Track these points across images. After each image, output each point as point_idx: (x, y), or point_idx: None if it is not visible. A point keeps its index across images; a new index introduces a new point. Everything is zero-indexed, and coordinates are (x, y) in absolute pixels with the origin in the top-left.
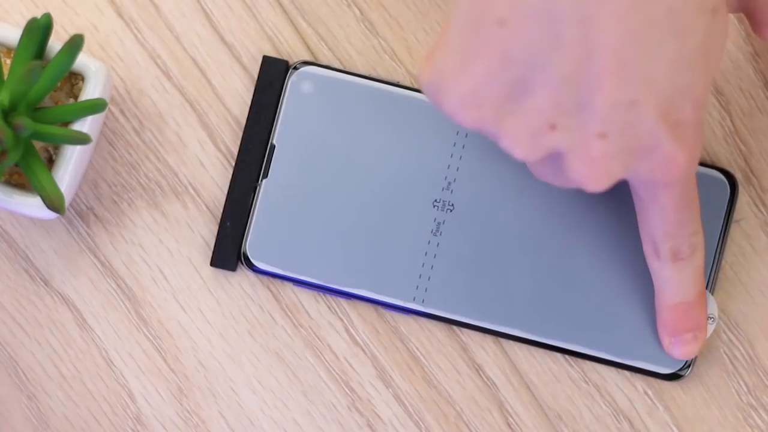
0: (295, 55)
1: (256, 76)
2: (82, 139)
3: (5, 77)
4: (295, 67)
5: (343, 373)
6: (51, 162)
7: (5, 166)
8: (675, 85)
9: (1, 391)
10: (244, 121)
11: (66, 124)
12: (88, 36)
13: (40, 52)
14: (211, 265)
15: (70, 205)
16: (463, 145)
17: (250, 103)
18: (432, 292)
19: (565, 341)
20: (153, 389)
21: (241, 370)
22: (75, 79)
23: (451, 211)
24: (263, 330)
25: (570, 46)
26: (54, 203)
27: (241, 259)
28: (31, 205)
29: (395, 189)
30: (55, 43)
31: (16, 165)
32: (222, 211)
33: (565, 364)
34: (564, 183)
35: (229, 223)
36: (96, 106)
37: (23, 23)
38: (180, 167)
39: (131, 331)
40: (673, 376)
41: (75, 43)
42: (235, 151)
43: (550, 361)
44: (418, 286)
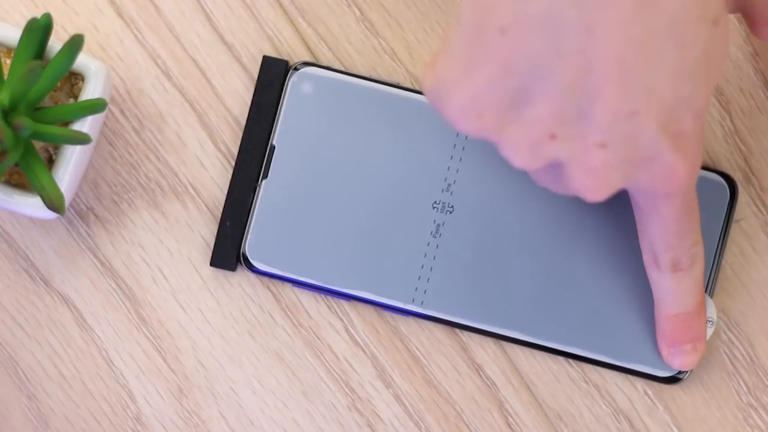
0: (295, 55)
1: (256, 76)
2: (82, 139)
3: (5, 77)
4: (296, 68)
5: (343, 373)
6: (51, 162)
7: (5, 166)
8: (676, 95)
9: (1, 391)
10: (244, 121)
11: (66, 124)
12: (88, 36)
13: (40, 52)
14: (210, 265)
15: (70, 205)
16: (463, 147)
17: (250, 103)
18: (431, 293)
19: (564, 344)
20: (153, 389)
21: (241, 370)
22: (75, 79)
23: (450, 212)
24: (263, 330)
25: (571, 54)
26: (54, 203)
27: (240, 259)
28: (31, 205)
29: (395, 190)
30: (55, 43)
31: (16, 165)
32: (222, 211)
33: (565, 364)
34: (564, 191)
35: (228, 223)
36: (96, 106)
37: (23, 23)
38: (180, 167)
39: (131, 331)
40: (672, 379)
41: (75, 43)
42: (235, 151)
43: (550, 361)
44: (417, 288)
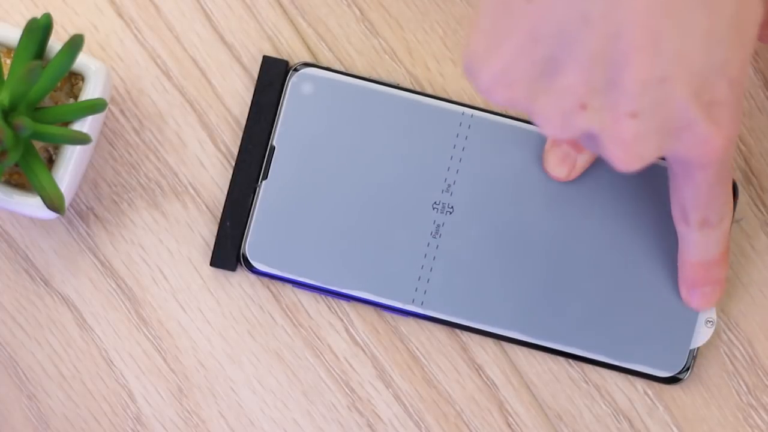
0: (295, 55)
1: (256, 76)
2: (82, 139)
3: (5, 77)
4: (296, 69)
5: (343, 373)
6: (51, 162)
7: (5, 166)
8: (708, 61)
9: (1, 391)
10: (244, 122)
11: (66, 124)
12: (88, 36)
13: (40, 52)
14: (210, 265)
15: (70, 205)
16: (462, 148)
17: (250, 103)
18: (431, 294)
19: (564, 344)
20: (153, 389)
21: (241, 370)
22: (75, 79)
23: (450, 213)
24: (263, 330)
25: (598, 20)
26: (54, 203)
27: (240, 260)
28: (31, 205)
29: (395, 191)
30: (55, 43)
31: (16, 165)
32: (222, 211)
33: (565, 364)
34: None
35: (228, 223)
36: (96, 106)
37: (23, 23)
38: (180, 167)
39: (131, 331)
40: (672, 380)
41: (75, 43)
42: (235, 151)
43: (550, 361)
44: (417, 288)
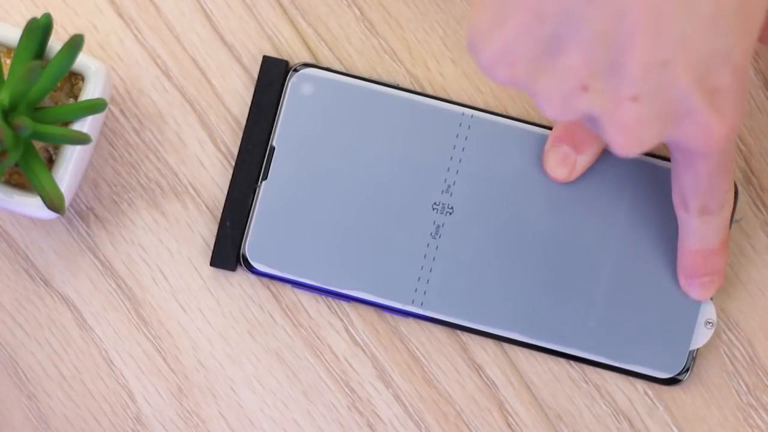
0: (295, 55)
1: (256, 77)
2: (82, 139)
3: (5, 77)
4: (296, 69)
5: (343, 373)
6: (51, 162)
7: (5, 166)
8: (711, 46)
9: (1, 391)
10: (244, 122)
11: (66, 124)
12: (88, 36)
13: (40, 52)
14: (210, 265)
15: (70, 205)
16: (462, 148)
17: (250, 103)
18: (431, 294)
19: (564, 345)
20: (153, 389)
21: (241, 370)
22: (75, 79)
23: (450, 214)
24: (263, 330)
25: (603, 0)
26: (54, 203)
27: (240, 260)
28: (31, 205)
29: (395, 191)
30: (55, 43)
31: (16, 165)
32: (222, 211)
33: (565, 364)
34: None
35: (228, 223)
36: (96, 106)
37: (23, 23)
38: (180, 167)
39: (131, 331)
40: (671, 381)
41: (75, 43)
42: (235, 151)
43: (550, 361)
44: (417, 289)
